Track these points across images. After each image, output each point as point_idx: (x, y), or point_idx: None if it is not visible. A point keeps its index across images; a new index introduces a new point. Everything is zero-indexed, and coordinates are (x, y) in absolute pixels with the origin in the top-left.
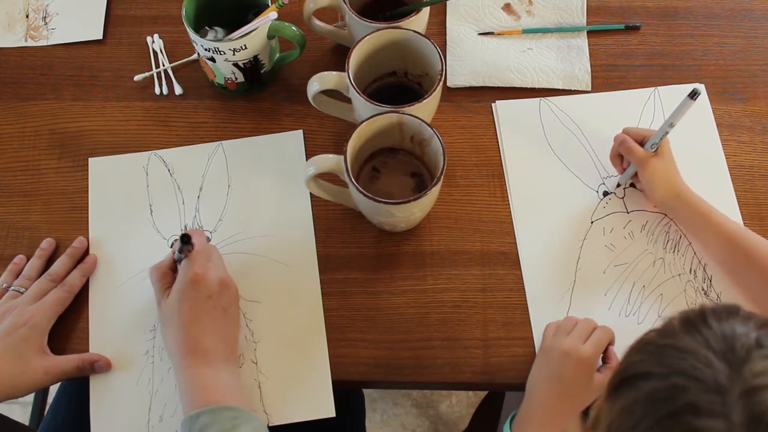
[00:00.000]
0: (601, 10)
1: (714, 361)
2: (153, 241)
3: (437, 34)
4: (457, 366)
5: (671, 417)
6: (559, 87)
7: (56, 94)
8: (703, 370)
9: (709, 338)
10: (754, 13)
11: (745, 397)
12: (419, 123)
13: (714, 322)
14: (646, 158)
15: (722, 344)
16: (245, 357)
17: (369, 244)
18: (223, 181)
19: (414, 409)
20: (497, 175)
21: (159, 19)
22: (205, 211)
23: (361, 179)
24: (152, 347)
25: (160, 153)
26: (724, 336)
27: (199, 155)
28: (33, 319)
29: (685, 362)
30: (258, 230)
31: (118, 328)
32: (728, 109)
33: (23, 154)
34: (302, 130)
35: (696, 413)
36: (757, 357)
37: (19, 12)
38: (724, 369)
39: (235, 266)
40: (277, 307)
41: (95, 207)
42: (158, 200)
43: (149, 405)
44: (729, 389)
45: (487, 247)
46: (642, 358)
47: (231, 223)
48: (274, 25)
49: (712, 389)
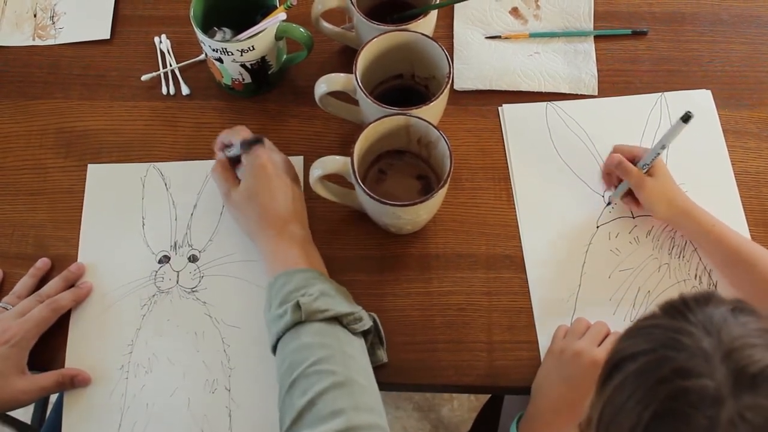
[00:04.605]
0: (608, 15)
1: (696, 333)
2: (140, 254)
3: (444, 37)
4: (462, 369)
5: (660, 383)
6: (565, 91)
7: (63, 93)
8: (687, 341)
9: (690, 317)
10: (761, 20)
11: (727, 358)
12: (426, 125)
13: (694, 306)
14: (642, 179)
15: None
16: (219, 383)
17: (374, 246)
18: (218, 201)
19: (416, 413)
20: (503, 178)
21: (166, 19)
22: (196, 230)
23: (367, 181)
24: (128, 362)
25: (159, 166)
26: (704, 313)
27: (198, 172)
28: (14, 338)
29: (670, 337)
30: (246, 254)
31: (96, 339)
32: (734, 115)
33: (30, 152)
34: (302, 156)
35: (684, 376)
36: (732, 324)
37: (27, 11)
38: (706, 338)
39: (218, 289)
40: (255, 335)
41: (89, 213)
42: (151, 213)
43: (119, 422)
44: (712, 354)
45: (493, 250)
46: (628, 342)
47: (220, 244)
48: (282, 26)
49: (696, 355)
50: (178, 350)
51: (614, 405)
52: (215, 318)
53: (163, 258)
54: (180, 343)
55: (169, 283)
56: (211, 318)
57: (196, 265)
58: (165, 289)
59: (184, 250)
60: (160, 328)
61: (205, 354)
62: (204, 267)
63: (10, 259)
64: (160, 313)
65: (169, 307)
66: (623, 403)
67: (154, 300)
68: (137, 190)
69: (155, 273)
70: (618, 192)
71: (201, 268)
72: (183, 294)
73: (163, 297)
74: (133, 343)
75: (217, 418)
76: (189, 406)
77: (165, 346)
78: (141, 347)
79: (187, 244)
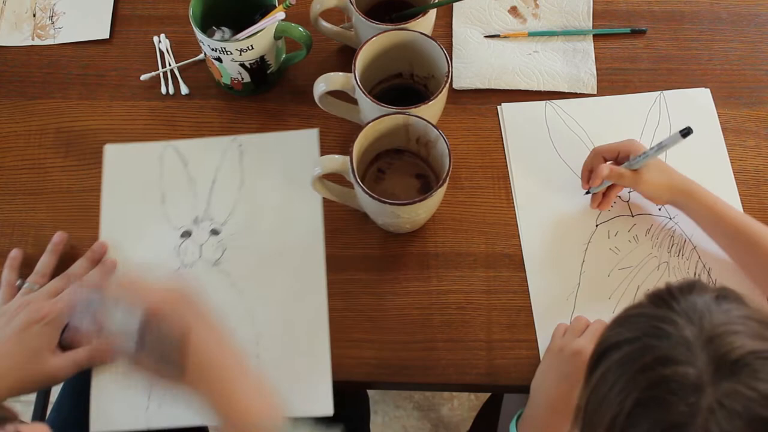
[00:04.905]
0: (607, 14)
1: (679, 322)
2: (162, 230)
3: (443, 36)
4: (461, 367)
5: (642, 371)
6: (564, 90)
7: (63, 93)
8: (669, 330)
9: (674, 305)
10: (760, 18)
11: (708, 345)
12: (425, 124)
13: (678, 294)
14: (636, 179)
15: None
16: (247, 350)
17: (374, 245)
18: (237, 175)
19: (415, 412)
20: (502, 177)
21: (166, 19)
22: (216, 204)
23: (366, 180)
24: None
25: (176, 144)
26: (688, 302)
27: (214, 148)
28: (49, 316)
29: (653, 326)
30: (267, 226)
31: None
32: (734, 114)
33: (29, 152)
34: (317, 129)
35: (665, 364)
36: (715, 311)
37: (26, 11)
38: (688, 326)
39: (241, 260)
40: (281, 303)
41: (107, 193)
42: (171, 190)
43: (149, 392)
44: (693, 342)
45: (492, 249)
46: (614, 332)
47: (241, 217)
48: (281, 25)
49: (679, 343)
50: None
51: (598, 394)
52: (240, 288)
53: (184, 233)
54: None
55: (192, 256)
56: (235, 288)
57: (218, 238)
58: (189, 263)
59: (205, 224)
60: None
61: (232, 323)
62: (226, 240)
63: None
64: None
65: (194, 279)
66: (606, 393)
67: (179, 274)
68: (155, 168)
69: (178, 248)
70: (599, 188)
71: (223, 240)
72: (207, 267)
73: (187, 270)
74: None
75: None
76: None
77: None
78: None
79: (208, 219)
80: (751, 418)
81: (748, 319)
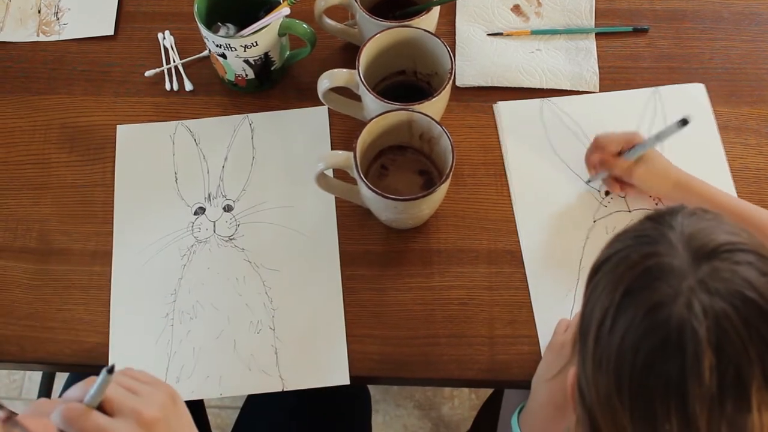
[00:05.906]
0: (609, 13)
1: (662, 229)
2: (176, 207)
3: (446, 33)
4: (463, 363)
5: (631, 267)
6: (566, 88)
7: (67, 89)
8: (654, 235)
9: (659, 219)
10: (762, 17)
11: (689, 241)
12: (429, 121)
13: (664, 212)
14: (631, 170)
15: (669, 220)
16: (263, 323)
17: (377, 241)
18: (248, 153)
19: (416, 411)
20: (504, 174)
21: (170, 15)
22: (229, 181)
23: (369, 176)
24: (172, 310)
25: (187, 123)
26: (671, 216)
27: (225, 126)
28: None
29: (639, 235)
30: (280, 201)
31: (139, 291)
32: (735, 112)
33: (34, 147)
34: (327, 107)
35: (650, 257)
36: (695, 220)
37: (31, 7)
38: (670, 231)
39: (255, 235)
40: (295, 276)
41: (121, 172)
42: (183, 168)
43: (167, 366)
44: (676, 242)
45: (494, 245)
46: (606, 250)
47: (254, 193)
48: (285, 22)
49: (662, 243)
50: (220, 296)
51: (591, 301)
52: (254, 263)
53: (198, 209)
54: (222, 288)
55: (206, 233)
56: (250, 263)
57: (231, 215)
58: (203, 239)
59: (218, 201)
60: (202, 276)
61: (248, 297)
62: (239, 215)
63: (14, 253)
64: (200, 261)
65: (208, 255)
66: (599, 294)
67: (194, 250)
68: (167, 146)
69: (192, 224)
70: (599, 177)
71: (236, 216)
72: (221, 242)
73: (201, 246)
74: (176, 292)
75: (263, 356)
76: (235, 348)
77: (207, 293)
78: (184, 295)
79: (221, 195)
80: (731, 295)
81: (724, 224)
